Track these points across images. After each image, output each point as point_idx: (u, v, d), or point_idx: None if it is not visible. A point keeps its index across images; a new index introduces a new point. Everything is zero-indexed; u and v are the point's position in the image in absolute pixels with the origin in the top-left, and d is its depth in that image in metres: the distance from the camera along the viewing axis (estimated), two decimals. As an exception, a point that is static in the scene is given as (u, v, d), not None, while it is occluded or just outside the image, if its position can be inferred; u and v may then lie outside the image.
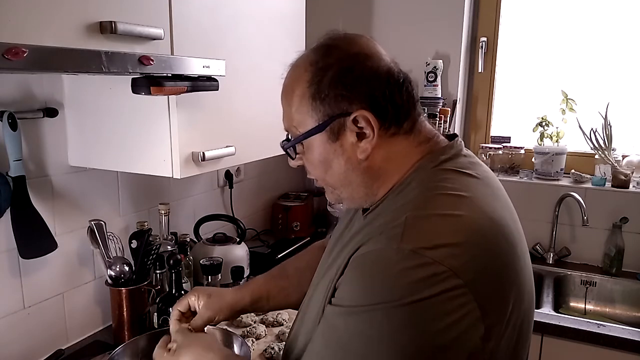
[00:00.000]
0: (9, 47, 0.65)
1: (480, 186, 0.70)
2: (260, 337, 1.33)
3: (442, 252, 0.58)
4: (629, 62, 2.00)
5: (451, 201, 0.65)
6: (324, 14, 2.13)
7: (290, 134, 0.76)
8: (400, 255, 0.59)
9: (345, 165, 0.72)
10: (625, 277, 1.89)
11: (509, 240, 0.66)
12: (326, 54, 0.71)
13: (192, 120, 1.15)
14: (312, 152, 0.74)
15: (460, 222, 0.62)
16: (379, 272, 0.60)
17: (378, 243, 0.63)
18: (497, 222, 0.65)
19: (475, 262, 0.60)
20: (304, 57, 0.74)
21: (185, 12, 1.08)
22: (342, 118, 0.69)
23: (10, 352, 1.18)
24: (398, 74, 0.72)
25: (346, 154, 0.71)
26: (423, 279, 0.57)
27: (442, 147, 0.73)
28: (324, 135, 0.71)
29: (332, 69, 0.69)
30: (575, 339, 1.50)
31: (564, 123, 2.05)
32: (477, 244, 0.61)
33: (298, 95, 0.72)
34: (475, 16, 2.15)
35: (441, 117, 1.97)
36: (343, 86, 0.69)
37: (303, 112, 0.72)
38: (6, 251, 1.14)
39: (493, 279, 0.61)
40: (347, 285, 0.64)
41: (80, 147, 1.24)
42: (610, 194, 1.92)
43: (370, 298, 0.59)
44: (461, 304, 0.57)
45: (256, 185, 2.11)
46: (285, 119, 0.76)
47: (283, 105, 0.76)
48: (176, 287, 1.26)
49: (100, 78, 1.16)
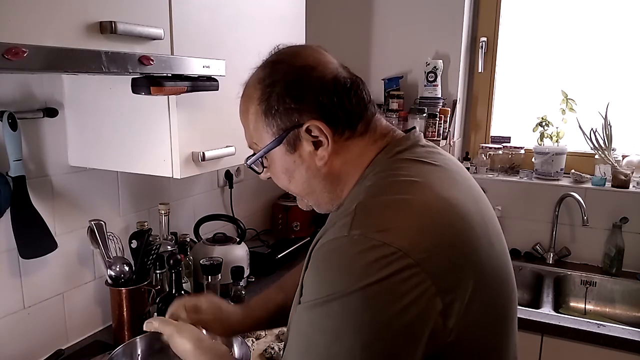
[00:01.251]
0: (9, 47, 0.65)
1: (436, 172, 0.71)
2: (260, 337, 1.33)
3: (390, 234, 0.59)
4: (629, 62, 2.00)
5: (402, 186, 0.66)
6: (324, 14, 2.13)
7: (253, 150, 0.79)
8: (349, 241, 0.60)
9: (306, 174, 0.75)
10: (625, 277, 1.89)
11: (465, 219, 0.66)
12: (272, 70, 0.74)
13: (192, 120, 1.15)
14: (275, 164, 0.77)
15: (409, 205, 0.63)
16: (331, 261, 0.62)
17: (330, 234, 0.64)
18: (449, 202, 0.66)
19: (425, 240, 0.60)
20: (254, 75, 0.76)
21: (185, 12, 1.08)
22: (296, 129, 0.72)
23: (10, 352, 1.18)
24: (344, 80, 0.73)
25: (305, 163, 0.74)
26: (372, 261, 0.58)
27: (398, 140, 0.75)
28: (282, 148, 0.74)
29: (279, 84, 0.72)
30: (575, 339, 1.50)
31: (564, 123, 2.05)
32: (426, 224, 0.62)
33: (252, 113, 0.75)
34: (475, 16, 2.15)
35: (441, 117, 1.97)
36: (291, 99, 0.71)
37: (259, 128, 0.75)
38: (6, 251, 1.14)
39: (446, 256, 0.61)
40: (308, 280, 0.66)
41: (80, 147, 1.24)
42: (610, 194, 1.92)
43: (327, 289, 0.60)
44: (415, 284, 0.57)
45: (256, 185, 2.11)
46: (246, 137, 0.80)
47: (242, 124, 0.79)
48: (176, 287, 1.26)
49: (100, 78, 1.16)
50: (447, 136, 2.00)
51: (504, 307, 0.70)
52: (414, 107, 1.97)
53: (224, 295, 1.49)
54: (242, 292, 1.51)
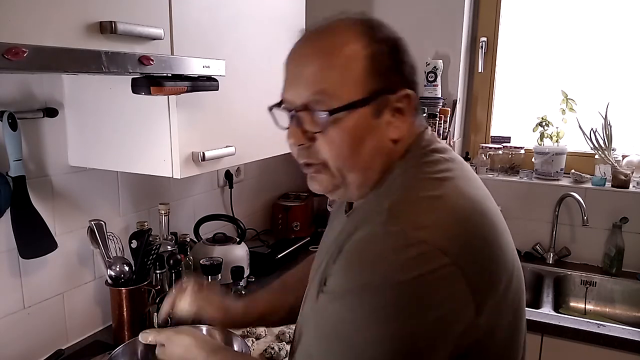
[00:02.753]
0: (9, 47, 0.65)
1: (457, 169, 0.71)
2: (260, 337, 1.33)
3: (428, 232, 0.59)
4: (629, 62, 2.00)
5: (434, 184, 0.66)
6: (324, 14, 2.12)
7: (312, 103, 0.67)
8: (387, 236, 0.60)
9: (376, 146, 0.68)
10: (625, 277, 1.89)
11: (490, 217, 0.67)
12: (377, 26, 0.70)
13: (192, 120, 1.15)
14: (342, 127, 0.66)
15: (444, 203, 0.63)
16: (366, 254, 0.61)
17: (365, 229, 0.64)
18: (476, 201, 0.67)
19: (460, 240, 0.61)
20: (347, 24, 0.69)
21: (185, 12, 1.08)
22: (389, 95, 0.67)
23: (10, 352, 1.18)
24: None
25: (380, 133, 0.68)
26: (411, 258, 0.58)
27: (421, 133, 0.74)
28: (367, 110, 0.66)
29: (387, 43, 0.68)
30: (575, 339, 1.50)
31: (564, 123, 2.05)
32: (460, 223, 0.62)
33: (347, 58, 0.65)
34: (475, 16, 2.15)
35: (441, 117, 1.96)
36: (396, 63, 0.68)
37: (348, 81, 0.65)
38: (6, 251, 1.14)
39: (479, 256, 0.62)
40: (337, 272, 0.65)
41: (80, 147, 1.24)
42: (610, 194, 1.92)
43: (359, 280, 0.60)
44: (450, 282, 0.58)
45: (256, 185, 2.11)
46: (311, 82, 0.67)
47: (314, 65, 0.67)
48: (176, 287, 1.26)
49: (100, 78, 1.16)
50: (447, 136, 2.00)
51: (521, 300, 0.72)
52: (414, 107, 1.97)
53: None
54: (242, 292, 1.51)
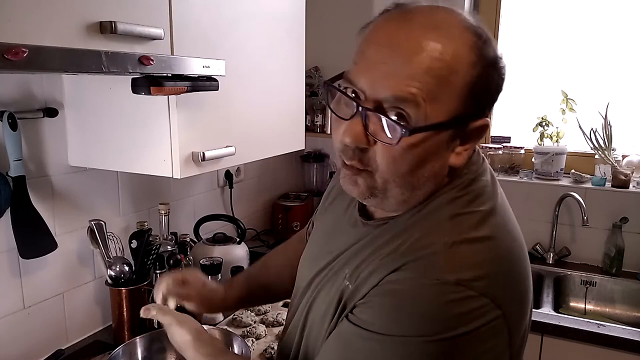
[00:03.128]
0: (9, 47, 0.65)
1: (499, 198, 0.68)
2: (260, 337, 1.33)
3: (485, 284, 0.58)
4: (629, 62, 2.00)
5: (482, 220, 0.63)
6: (324, 14, 2.13)
7: (390, 106, 0.58)
8: (443, 287, 0.57)
9: (436, 170, 0.63)
10: (625, 277, 1.89)
11: (527, 258, 0.67)
12: (486, 43, 0.59)
13: (192, 120, 1.15)
14: (409, 144, 0.58)
15: (494, 247, 0.62)
16: (418, 303, 0.58)
17: (415, 271, 0.60)
18: (519, 242, 0.66)
19: (509, 290, 0.61)
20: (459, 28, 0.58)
21: (185, 12, 1.08)
22: (472, 122, 0.61)
23: (10, 352, 1.18)
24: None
25: (444, 158, 0.62)
26: (466, 312, 0.56)
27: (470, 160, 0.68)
28: (447, 134, 0.60)
29: (495, 66, 0.61)
30: (575, 339, 1.50)
31: (564, 123, 2.05)
32: (510, 272, 0.62)
33: (451, 70, 0.56)
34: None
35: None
36: (495, 89, 0.62)
37: (443, 96, 0.57)
38: (6, 251, 1.14)
39: (520, 304, 0.63)
40: (378, 310, 0.61)
41: (80, 147, 1.24)
42: (610, 194, 1.92)
43: (406, 329, 0.58)
44: (496, 333, 0.58)
45: (256, 185, 2.11)
46: (392, 79, 0.57)
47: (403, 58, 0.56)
48: (176, 287, 1.26)
49: (100, 78, 1.16)
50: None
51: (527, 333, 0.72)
52: (414, 107, 1.97)
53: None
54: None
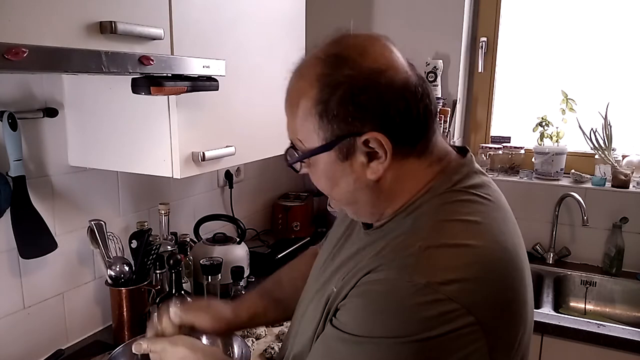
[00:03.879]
0: (9, 47, 0.65)
1: (492, 210, 0.68)
2: (260, 337, 1.33)
3: (456, 288, 0.57)
4: (629, 62, 2.00)
5: (463, 229, 0.63)
6: (324, 14, 2.13)
7: (294, 145, 0.71)
8: (413, 289, 0.57)
9: (353, 185, 0.68)
10: (625, 277, 1.89)
11: (519, 270, 0.65)
12: (335, 67, 0.64)
13: (192, 120, 1.15)
14: (318, 168, 0.70)
15: (474, 254, 0.61)
16: (389, 304, 0.59)
17: (389, 272, 0.61)
18: (508, 251, 0.64)
19: (488, 298, 0.59)
20: (311, 65, 0.67)
21: (185, 12, 1.08)
22: (351, 138, 0.64)
23: (10, 352, 1.18)
24: (415, 88, 0.65)
25: (355, 174, 0.67)
26: (435, 316, 0.56)
27: (455, 166, 0.70)
28: (331, 154, 0.66)
29: (342, 87, 0.63)
30: (575, 339, 1.50)
31: (564, 123, 2.05)
32: (490, 279, 0.60)
33: (303, 109, 0.66)
34: (475, 16, 2.15)
35: (441, 117, 1.96)
36: (354, 106, 0.63)
37: (308, 128, 0.66)
38: (6, 251, 1.14)
39: (503, 314, 0.61)
40: (353, 311, 0.62)
41: (80, 147, 1.24)
42: (610, 194, 1.92)
43: (378, 330, 0.58)
44: (470, 341, 0.57)
45: (256, 185, 2.11)
46: (289, 129, 0.71)
47: (287, 113, 0.71)
48: (176, 287, 1.26)
49: (100, 78, 1.16)
50: (447, 136, 2.00)
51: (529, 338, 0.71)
52: (414, 107, 1.97)
53: (224, 295, 1.49)
54: (242, 292, 1.51)
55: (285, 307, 0.95)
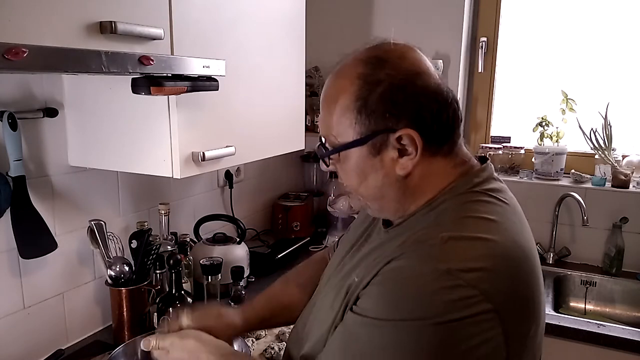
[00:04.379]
0: (9, 47, 0.65)
1: (509, 212, 0.71)
2: (260, 337, 1.33)
3: (476, 276, 0.60)
4: (629, 62, 2.00)
5: (483, 225, 0.66)
6: (324, 14, 2.13)
7: (326, 141, 0.75)
8: (434, 275, 0.60)
9: (382, 180, 0.72)
10: (625, 277, 1.89)
11: (534, 264, 0.68)
12: (376, 67, 0.69)
13: (192, 120, 1.15)
14: (349, 162, 0.73)
15: (492, 247, 0.64)
16: (411, 288, 0.61)
17: (412, 259, 0.64)
18: (523, 249, 0.67)
19: (505, 287, 0.62)
20: (351, 66, 0.72)
21: (185, 12, 1.08)
22: (386, 134, 0.69)
23: (10, 352, 1.18)
24: (447, 93, 0.71)
25: (385, 169, 0.71)
26: (455, 300, 0.58)
27: (476, 170, 0.74)
28: (364, 149, 0.71)
29: (382, 85, 0.68)
30: (575, 339, 1.50)
31: (564, 123, 2.05)
32: (507, 270, 0.63)
33: (342, 105, 0.71)
34: (475, 16, 2.15)
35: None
36: (392, 104, 0.68)
37: (345, 123, 0.71)
38: (6, 251, 1.14)
39: (518, 305, 0.63)
40: (375, 297, 0.65)
41: (80, 147, 1.24)
42: (610, 194, 1.92)
43: (400, 313, 0.60)
44: (488, 328, 0.59)
45: (256, 185, 2.11)
46: (322, 125, 0.75)
47: (323, 111, 0.75)
48: (176, 287, 1.26)
49: (100, 78, 1.16)
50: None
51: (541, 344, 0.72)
52: (414, 107, 1.97)
53: (224, 295, 1.49)
54: (242, 292, 1.51)
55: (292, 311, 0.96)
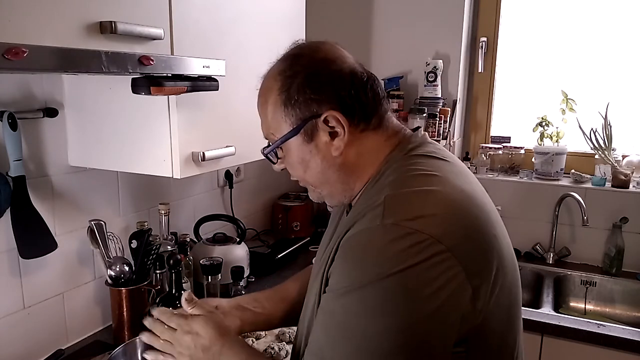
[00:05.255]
0: (9, 47, 0.65)
1: (448, 166, 0.75)
2: (260, 337, 1.33)
3: (422, 222, 0.62)
4: (629, 62, 2.00)
5: (424, 179, 0.70)
6: (324, 14, 2.13)
7: (269, 141, 0.81)
8: (382, 230, 0.63)
9: (321, 164, 0.77)
10: (625, 277, 1.89)
11: (482, 209, 0.70)
12: (293, 62, 0.77)
13: (192, 120, 1.15)
14: (291, 154, 0.79)
15: (436, 195, 0.67)
16: (365, 249, 0.64)
17: (361, 224, 0.67)
18: (468, 194, 0.70)
19: (454, 228, 0.64)
20: (274, 68, 0.79)
21: (185, 12, 1.08)
22: (314, 120, 0.74)
23: (10, 352, 1.18)
24: (362, 74, 0.76)
25: (321, 153, 0.76)
26: (406, 248, 0.61)
27: (408, 138, 0.78)
28: (299, 138, 0.76)
29: (299, 76, 0.75)
30: (575, 339, 1.50)
31: (564, 123, 2.05)
32: (453, 213, 0.66)
33: (271, 103, 0.77)
34: (475, 16, 2.15)
35: (441, 117, 1.97)
36: (311, 90, 0.74)
37: (278, 118, 0.77)
38: (6, 251, 1.14)
39: (473, 242, 0.65)
40: (338, 269, 0.68)
41: (80, 147, 1.24)
42: (610, 194, 1.92)
43: (361, 275, 0.63)
44: (446, 268, 0.61)
45: (256, 185, 2.11)
46: (263, 128, 0.82)
47: (260, 114, 0.82)
48: (176, 287, 1.26)
49: (100, 78, 1.16)
50: (447, 136, 2.00)
51: (516, 291, 0.74)
52: (414, 107, 1.97)
53: (224, 295, 1.49)
54: (242, 292, 1.51)
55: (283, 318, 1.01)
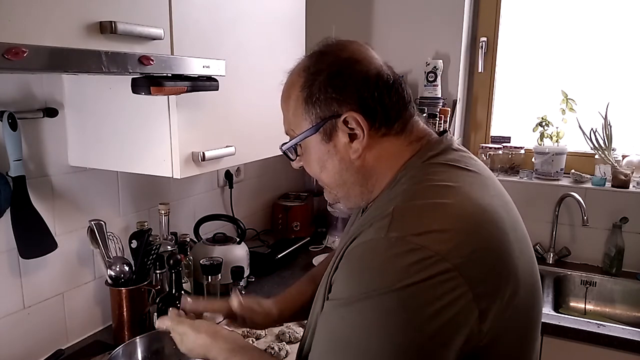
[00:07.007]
0: (9, 47, 0.65)
1: (468, 176, 0.71)
2: (260, 337, 1.33)
3: (429, 238, 0.60)
4: (629, 62, 2.00)
5: (438, 191, 0.67)
6: (324, 14, 2.13)
7: (290, 137, 0.80)
8: (387, 243, 0.61)
9: (339, 165, 0.76)
10: (625, 277, 1.89)
11: (499, 226, 0.66)
12: (318, 59, 0.75)
13: (192, 120, 1.15)
14: (309, 152, 0.78)
15: (447, 209, 0.64)
16: (367, 261, 0.63)
17: (367, 235, 0.65)
18: (484, 208, 0.66)
19: (463, 246, 0.61)
20: (300, 63, 0.78)
21: (185, 12, 1.08)
22: (333, 119, 0.73)
23: (10, 352, 1.18)
24: (387, 77, 0.74)
25: (339, 154, 0.75)
26: (411, 264, 0.58)
27: (431, 144, 0.75)
28: (317, 137, 0.75)
29: (322, 74, 0.73)
30: (575, 339, 1.50)
31: (564, 123, 2.05)
32: (463, 229, 0.62)
33: (293, 99, 0.76)
34: (475, 16, 2.15)
35: (441, 117, 1.96)
36: (333, 89, 0.72)
37: (298, 115, 0.76)
38: (6, 251, 1.14)
39: (483, 261, 0.62)
40: (340, 278, 0.67)
41: (80, 147, 1.24)
42: (610, 194, 1.92)
43: (361, 288, 0.61)
44: (451, 288, 0.58)
45: (256, 185, 2.11)
46: (285, 123, 0.81)
47: (282, 109, 0.80)
48: (176, 287, 1.26)
49: (100, 78, 1.16)
50: (447, 136, 2.00)
51: (534, 314, 0.71)
52: (414, 107, 1.97)
53: (224, 295, 1.49)
54: (242, 292, 1.51)
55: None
